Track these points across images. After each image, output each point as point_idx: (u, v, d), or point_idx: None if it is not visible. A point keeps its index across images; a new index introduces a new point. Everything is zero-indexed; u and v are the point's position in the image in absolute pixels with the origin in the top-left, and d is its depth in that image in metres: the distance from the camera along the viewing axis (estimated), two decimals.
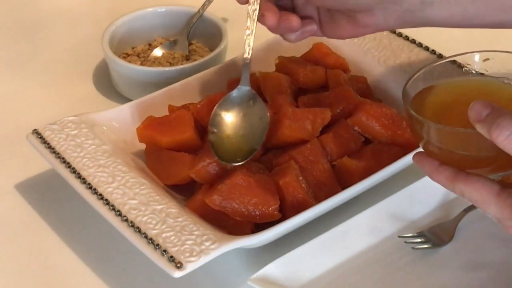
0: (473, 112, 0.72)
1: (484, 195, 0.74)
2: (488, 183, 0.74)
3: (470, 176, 0.75)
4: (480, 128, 0.71)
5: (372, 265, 0.92)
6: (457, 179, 0.75)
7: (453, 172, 0.76)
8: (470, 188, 0.75)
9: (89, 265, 0.95)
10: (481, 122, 0.71)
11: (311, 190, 0.95)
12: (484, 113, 0.71)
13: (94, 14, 1.37)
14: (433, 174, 0.77)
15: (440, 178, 0.77)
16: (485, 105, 0.72)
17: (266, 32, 1.19)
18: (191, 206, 0.94)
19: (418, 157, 0.79)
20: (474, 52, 0.81)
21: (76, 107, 1.15)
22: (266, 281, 0.87)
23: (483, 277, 0.90)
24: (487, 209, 0.75)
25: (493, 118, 0.71)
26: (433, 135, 0.76)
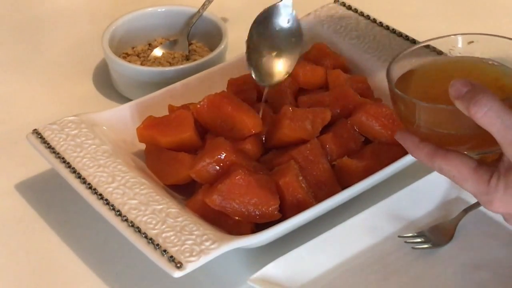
0: (453, 89, 0.74)
1: (461, 171, 0.76)
2: (465, 159, 0.76)
3: (449, 153, 0.77)
4: (460, 105, 0.73)
5: (372, 265, 0.92)
6: (436, 155, 0.77)
7: (432, 148, 0.77)
8: (448, 165, 0.77)
9: (89, 265, 0.95)
10: (460, 99, 0.73)
11: (311, 190, 0.95)
12: (463, 90, 0.73)
13: (94, 14, 1.37)
14: (414, 151, 0.79)
15: (420, 155, 0.78)
16: (465, 82, 0.73)
17: None
18: (191, 206, 0.94)
19: (399, 134, 0.80)
20: (458, 34, 0.83)
21: (76, 107, 1.15)
22: (266, 281, 0.87)
23: (483, 277, 0.90)
24: (464, 185, 0.77)
25: (472, 95, 0.72)
26: (414, 112, 0.77)
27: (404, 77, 0.82)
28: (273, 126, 1.00)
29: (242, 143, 0.98)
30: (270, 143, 1.00)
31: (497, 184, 0.74)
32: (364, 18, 1.17)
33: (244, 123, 0.98)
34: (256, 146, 0.99)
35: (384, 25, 1.15)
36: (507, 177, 0.74)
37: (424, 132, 0.78)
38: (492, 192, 0.75)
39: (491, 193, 0.75)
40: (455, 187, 0.99)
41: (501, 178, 0.74)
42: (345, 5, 1.19)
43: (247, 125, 0.98)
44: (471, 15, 1.32)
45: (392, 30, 1.14)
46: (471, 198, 0.97)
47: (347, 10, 1.18)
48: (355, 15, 1.18)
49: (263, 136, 1.00)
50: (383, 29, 1.15)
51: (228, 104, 0.99)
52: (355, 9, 1.19)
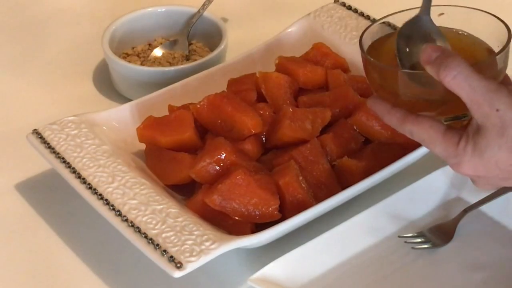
0: (424, 54, 0.76)
1: (431, 134, 0.78)
2: (435, 123, 0.78)
3: (419, 117, 0.79)
4: (430, 69, 0.75)
5: (372, 265, 0.92)
6: (407, 120, 0.79)
7: (403, 114, 0.79)
8: (418, 128, 0.79)
9: (89, 265, 0.95)
10: (430, 64, 0.75)
11: (311, 190, 0.95)
12: (434, 55, 0.75)
13: (94, 14, 1.37)
14: (385, 116, 0.81)
15: (391, 119, 0.80)
16: (435, 48, 0.76)
17: (266, 33, 1.19)
18: (191, 206, 0.94)
19: (371, 100, 0.82)
20: None
21: (76, 107, 1.15)
22: (266, 281, 0.87)
23: (483, 277, 0.90)
24: (433, 148, 0.79)
25: (441, 60, 0.75)
26: (386, 78, 0.79)
27: (375, 45, 0.84)
28: (273, 126, 1.00)
29: (242, 143, 0.98)
30: (270, 143, 1.00)
31: (465, 147, 0.76)
32: (364, 18, 1.17)
33: (244, 123, 0.98)
34: (256, 146, 0.99)
35: None
36: (475, 139, 0.75)
37: (396, 99, 0.80)
38: (461, 155, 0.76)
39: (460, 156, 0.76)
40: (455, 187, 0.99)
41: (470, 141, 0.76)
42: (345, 5, 1.19)
43: (247, 125, 0.98)
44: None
45: None
46: (471, 198, 0.97)
47: (347, 10, 1.18)
48: (355, 15, 1.18)
49: (263, 136, 1.00)
50: None
51: (228, 104, 1.00)
52: (355, 9, 1.19)
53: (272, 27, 1.21)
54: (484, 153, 0.75)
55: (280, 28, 1.18)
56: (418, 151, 0.97)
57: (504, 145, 0.74)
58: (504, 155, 0.75)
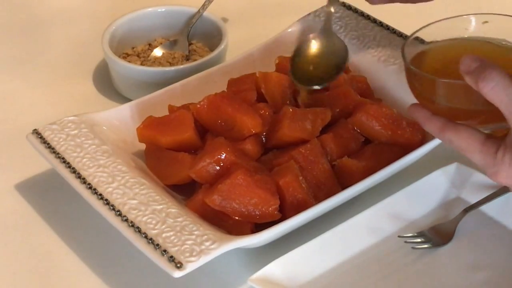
0: (463, 65, 0.76)
1: (470, 144, 0.79)
2: (474, 132, 0.79)
3: (458, 126, 0.80)
4: (469, 80, 0.76)
5: (372, 265, 0.92)
6: (446, 128, 0.80)
7: (443, 122, 0.80)
8: (457, 137, 0.79)
9: (89, 265, 0.95)
10: (469, 74, 0.76)
11: (311, 190, 0.95)
12: (473, 65, 0.76)
13: (94, 14, 1.37)
14: (425, 123, 0.82)
15: (431, 127, 0.82)
16: (474, 58, 0.76)
17: (266, 33, 1.19)
18: (191, 206, 0.94)
19: (413, 107, 0.83)
20: (471, 14, 0.86)
21: (76, 107, 1.15)
22: (266, 281, 0.87)
23: (483, 277, 0.90)
24: (472, 157, 0.79)
25: (480, 70, 0.75)
26: (427, 88, 0.80)
27: (418, 56, 0.85)
28: (273, 126, 1.00)
29: (242, 143, 0.98)
30: (270, 143, 1.00)
31: (503, 156, 0.77)
32: (364, 18, 1.17)
33: (244, 123, 0.98)
34: (256, 146, 0.98)
35: (384, 25, 1.15)
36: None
37: (436, 107, 0.81)
38: (498, 164, 0.77)
39: (497, 165, 0.77)
40: (455, 187, 0.99)
41: (508, 151, 0.76)
42: (345, 5, 1.19)
43: (247, 125, 0.98)
44: None
45: (392, 30, 1.14)
46: (471, 198, 0.97)
47: (347, 10, 1.18)
48: (355, 15, 1.18)
49: (263, 136, 1.00)
50: (383, 29, 1.15)
51: (228, 104, 1.00)
52: (355, 9, 1.19)
53: (272, 27, 1.21)
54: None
55: (280, 28, 1.18)
56: (418, 151, 0.97)
57: None
58: None
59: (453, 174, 0.98)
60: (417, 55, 0.86)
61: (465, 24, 0.86)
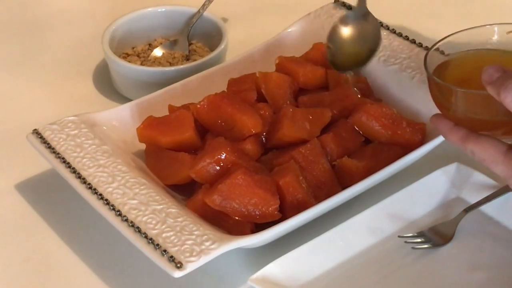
0: (485, 75, 0.76)
1: (492, 154, 0.78)
2: (497, 143, 0.78)
3: (480, 137, 0.79)
4: (491, 90, 0.75)
5: (372, 265, 0.92)
6: (468, 139, 0.80)
7: (465, 132, 0.80)
8: (480, 148, 0.79)
9: (89, 265, 0.95)
10: (491, 84, 0.75)
11: (311, 190, 0.95)
12: (495, 75, 0.75)
13: (94, 14, 1.37)
14: (447, 134, 0.82)
15: (453, 138, 0.81)
16: (497, 68, 0.76)
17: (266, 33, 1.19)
18: (191, 206, 0.94)
19: (435, 118, 0.83)
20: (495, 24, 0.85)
21: (76, 107, 1.15)
22: (266, 281, 0.87)
23: (483, 277, 0.90)
24: (495, 168, 0.79)
25: (502, 81, 0.74)
26: (449, 98, 0.80)
27: (440, 66, 0.85)
28: (273, 126, 1.00)
29: (242, 143, 0.98)
30: (270, 143, 1.00)
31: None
32: None
33: (244, 123, 0.98)
34: (256, 146, 0.99)
35: (384, 25, 1.15)
36: None
37: (458, 117, 0.80)
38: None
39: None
40: (455, 187, 0.99)
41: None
42: (345, 5, 1.19)
43: (247, 125, 0.98)
44: (471, 15, 1.32)
45: (392, 30, 1.14)
46: (471, 198, 0.97)
47: (347, 10, 1.18)
48: None
49: (263, 136, 1.00)
50: (383, 29, 1.15)
51: (228, 104, 1.00)
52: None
53: (272, 27, 1.21)
54: None
55: (280, 28, 1.18)
56: (418, 151, 0.97)
57: None
58: None
59: (453, 174, 0.98)
60: (440, 65, 0.85)
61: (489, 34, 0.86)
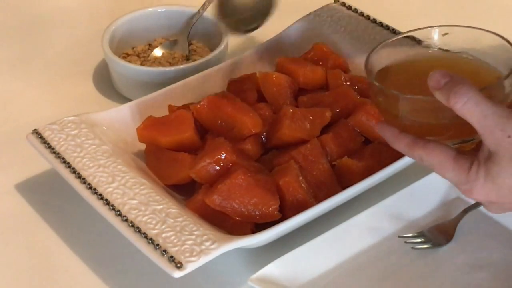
0: (432, 81, 0.75)
1: (442, 160, 0.77)
2: (445, 149, 0.77)
3: (428, 143, 0.77)
4: (439, 96, 0.74)
5: (372, 265, 0.92)
6: (416, 146, 0.78)
7: (412, 139, 0.78)
8: (428, 154, 0.77)
9: (89, 265, 0.95)
10: (440, 90, 0.74)
11: (311, 190, 0.95)
12: (443, 81, 0.74)
13: (94, 14, 1.37)
14: (394, 142, 0.80)
15: (400, 145, 0.79)
16: (444, 74, 0.75)
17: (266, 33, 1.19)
18: (191, 206, 0.94)
19: (380, 125, 0.81)
20: (433, 26, 0.84)
21: (76, 107, 1.15)
22: (266, 281, 0.87)
23: (483, 277, 0.90)
24: (444, 174, 0.77)
25: (451, 86, 0.74)
26: (393, 104, 0.78)
27: (382, 71, 0.83)
28: (273, 126, 1.00)
29: (242, 143, 0.98)
30: (270, 143, 1.00)
31: (477, 173, 0.75)
32: (364, 18, 1.17)
33: (244, 123, 0.98)
34: (256, 146, 0.99)
35: (384, 25, 1.15)
36: (487, 165, 0.75)
37: (404, 123, 0.79)
38: (473, 181, 0.75)
39: (471, 182, 0.76)
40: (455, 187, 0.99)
41: (481, 167, 0.75)
42: (345, 5, 1.19)
43: (247, 125, 0.98)
44: (471, 15, 1.32)
45: (392, 30, 1.15)
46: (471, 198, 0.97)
47: (347, 10, 1.18)
48: (355, 15, 1.18)
49: (263, 136, 1.00)
50: (383, 29, 1.15)
51: (228, 104, 1.00)
52: (355, 9, 1.19)
53: (272, 27, 1.20)
54: (497, 179, 0.74)
55: (280, 28, 1.18)
56: None
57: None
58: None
59: None
60: (381, 70, 0.83)
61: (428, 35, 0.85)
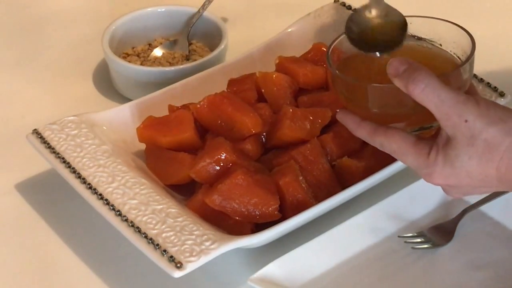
0: (391, 68, 0.76)
1: (402, 146, 0.79)
2: (405, 135, 0.79)
3: (389, 129, 0.80)
4: (398, 83, 0.76)
5: (372, 265, 0.92)
6: (377, 132, 0.80)
7: (373, 126, 0.81)
8: (389, 140, 0.79)
9: (89, 265, 0.95)
10: (398, 77, 0.76)
11: (311, 190, 0.95)
12: (401, 68, 0.76)
13: (94, 14, 1.37)
14: (355, 129, 0.82)
15: (361, 133, 0.81)
16: (402, 61, 0.76)
17: (266, 33, 1.19)
18: (191, 206, 0.94)
19: (341, 113, 0.83)
20: None
21: (76, 107, 1.15)
22: (266, 281, 0.87)
23: (483, 277, 0.90)
24: (405, 159, 0.79)
25: (409, 73, 0.75)
26: (354, 93, 0.80)
27: (343, 61, 0.85)
28: (273, 126, 1.00)
29: (242, 143, 0.98)
30: (270, 143, 1.00)
31: (436, 157, 0.77)
32: None
33: (244, 123, 0.98)
34: (256, 146, 0.99)
35: None
36: (446, 150, 0.76)
37: (364, 111, 0.81)
38: (432, 165, 0.77)
39: (431, 166, 0.77)
40: None
41: (440, 151, 0.77)
42: (345, 5, 1.19)
43: (247, 125, 0.98)
44: (471, 15, 1.32)
45: None
46: (471, 198, 0.97)
47: (347, 10, 1.18)
48: None
49: (263, 136, 1.00)
50: None
51: (228, 104, 1.00)
52: (355, 9, 1.18)
53: (272, 27, 1.21)
54: (455, 163, 0.76)
55: (280, 28, 1.18)
56: None
57: (474, 154, 0.75)
58: (474, 164, 0.76)
59: None
60: (343, 60, 0.85)
61: None
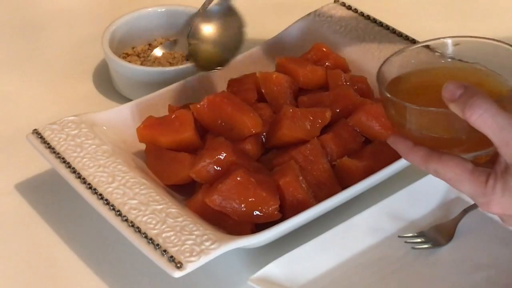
0: (447, 92, 0.73)
1: (457, 173, 0.75)
2: (461, 161, 0.75)
3: (443, 156, 0.76)
4: (454, 108, 0.73)
5: (372, 265, 0.92)
6: (431, 158, 0.76)
7: (427, 152, 0.77)
8: (444, 167, 0.76)
9: (89, 265, 0.95)
10: (455, 102, 0.73)
11: (311, 190, 0.95)
12: (457, 93, 0.73)
13: (94, 14, 1.37)
14: (408, 155, 0.78)
15: (414, 158, 0.78)
16: (458, 85, 0.73)
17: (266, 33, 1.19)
18: (191, 206, 0.94)
19: (392, 138, 0.80)
20: (446, 37, 0.83)
21: (76, 107, 1.15)
22: (266, 281, 0.87)
23: (482, 277, 0.90)
24: (461, 187, 0.76)
25: (466, 98, 0.72)
26: (406, 116, 0.77)
27: (393, 82, 0.81)
28: (273, 126, 1.00)
29: (242, 143, 0.98)
30: (270, 143, 1.00)
31: (494, 186, 0.74)
32: (364, 18, 1.17)
33: (244, 123, 0.98)
34: (256, 146, 0.99)
35: (384, 25, 1.15)
36: (505, 178, 0.73)
37: (417, 136, 0.77)
38: (490, 194, 0.74)
39: (489, 195, 0.74)
40: None
41: (498, 180, 0.74)
42: (345, 5, 1.19)
43: (247, 125, 0.98)
44: (471, 15, 1.32)
45: (392, 30, 1.15)
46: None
47: (347, 10, 1.18)
48: (355, 15, 1.18)
49: (263, 136, 1.00)
50: (383, 29, 1.15)
51: (228, 104, 1.00)
52: (355, 9, 1.19)
53: (272, 27, 1.21)
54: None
55: (280, 28, 1.18)
56: None
57: None
58: None
59: None
60: (392, 81, 0.82)
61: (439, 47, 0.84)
